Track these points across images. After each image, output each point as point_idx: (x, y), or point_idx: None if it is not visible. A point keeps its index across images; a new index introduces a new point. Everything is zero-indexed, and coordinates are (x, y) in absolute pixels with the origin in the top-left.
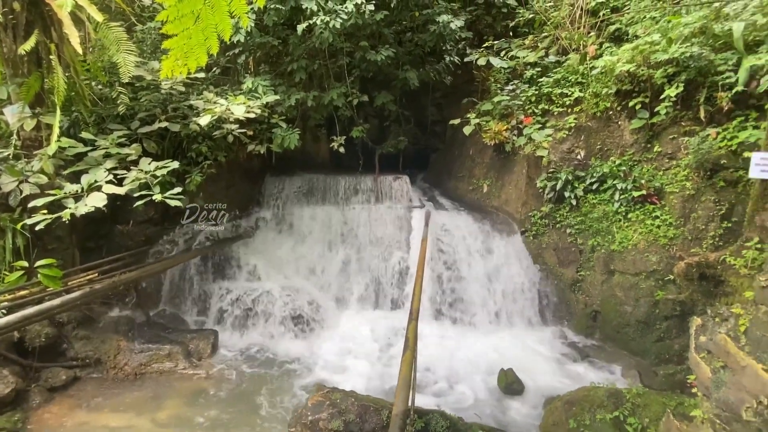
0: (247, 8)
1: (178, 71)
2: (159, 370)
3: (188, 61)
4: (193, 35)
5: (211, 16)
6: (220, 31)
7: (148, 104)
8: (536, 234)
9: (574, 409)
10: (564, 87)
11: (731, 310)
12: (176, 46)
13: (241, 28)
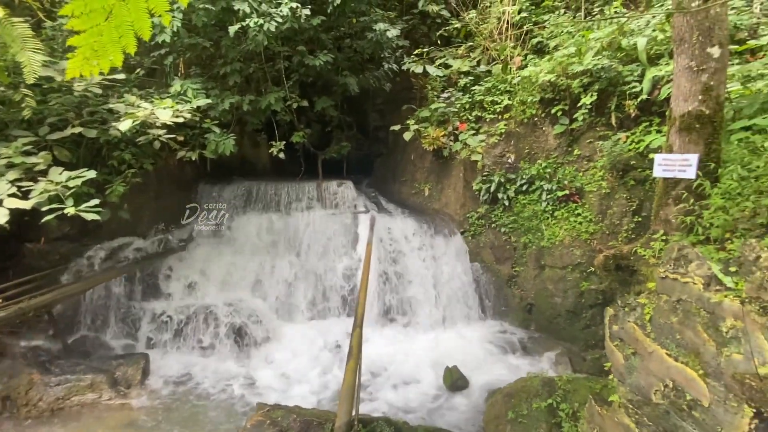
0: (168, 6)
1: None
2: (80, 403)
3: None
4: (104, 32)
5: (125, 13)
6: (138, 29)
7: (60, 108)
8: (474, 234)
9: (513, 400)
10: (494, 95)
11: (638, 300)
12: (85, 43)
13: (166, 27)
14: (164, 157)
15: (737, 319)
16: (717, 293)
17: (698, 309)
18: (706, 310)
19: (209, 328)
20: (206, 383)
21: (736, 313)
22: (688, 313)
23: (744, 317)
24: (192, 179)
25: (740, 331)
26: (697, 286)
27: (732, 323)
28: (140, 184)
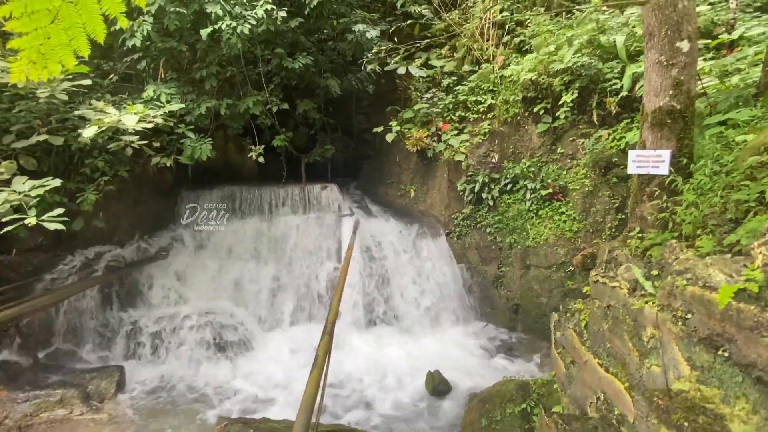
0: (123, 8)
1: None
2: (50, 419)
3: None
4: (52, 35)
5: (75, 15)
6: (91, 31)
7: (28, 115)
8: (460, 235)
9: (487, 406)
10: (478, 95)
11: (575, 306)
12: (29, 46)
13: (136, 31)
14: (142, 164)
15: (656, 327)
16: (640, 299)
17: (624, 316)
18: (631, 317)
19: (188, 338)
20: (183, 394)
21: (655, 321)
22: (617, 320)
23: (660, 326)
24: (172, 185)
25: (658, 341)
26: (623, 291)
27: (651, 332)
28: (117, 192)
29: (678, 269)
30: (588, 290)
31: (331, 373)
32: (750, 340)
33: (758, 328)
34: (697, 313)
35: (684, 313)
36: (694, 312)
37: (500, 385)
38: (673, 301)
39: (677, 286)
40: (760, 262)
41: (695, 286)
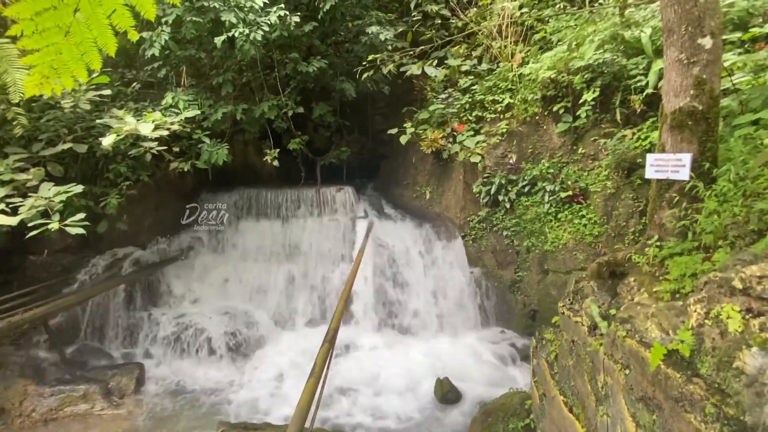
0: (132, 22)
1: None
2: (73, 413)
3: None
4: (64, 50)
5: (86, 30)
6: (102, 45)
7: (56, 124)
8: (475, 238)
9: (490, 419)
10: (495, 94)
11: (545, 335)
12: (41, 62)
13: (155, 41)
14: (163, 168)
15: (607, 374)
16: (597, 339)
17: (585, 355)
18: (590, 358)
19: (206, 337)
20: (199, 392)
21: (609, 369)
22: (579, 357)
23: (610, 374)
24: (193, 189)
25: (609, 389)
26: (584, 327)
27: (604, 378)
28: (140, 195)
29: (622, 317)
30: (557, 320)
31: (338, 374)
32: (674, 413)
33: (682, 400)
34: (633, 370)
35: (624, 367)
36: (631, 368)
37: (505, 397)
38: (615, 352)
39: (618, 337)
40: (694, 321)
41: (633, 340)
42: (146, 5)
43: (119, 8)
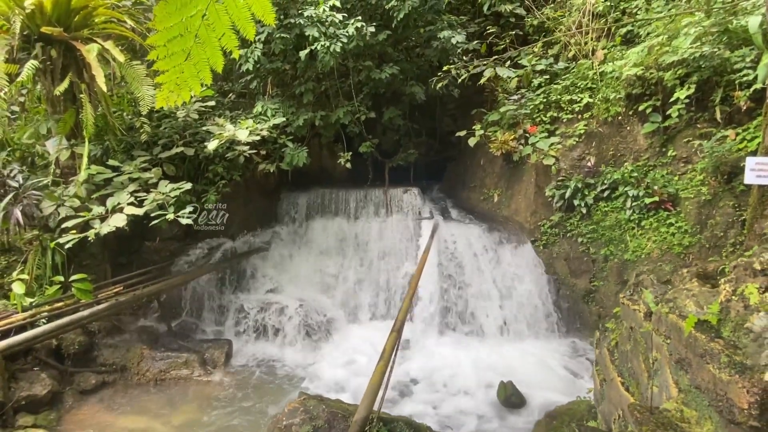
0: (237, 42)
1: (172, 102)
2: (176, 376)
3: (182, 93)
4: (185, 69)
5: (201, 52)
6: (213, 64)
7: (170, 131)
8: (546, 243)
9: (555, 423)
10: (573, 93)
11: (607, 325)
12: (169, 80)
13: (250, 57)
14: (251, 169)
15: (657, 350)
16: (651, 323)
17: (641, 338)
18: (645, 340)
19: (283, 321)
20: (278, 369)
21: (658, 346)
22: (636, 341)
23: (659, 349)
24: (275, 188)
25: (659, 364)
26: (641, 314)
27: (655, 355)
28: (232, 193)
29: (668, 298)
30: (618, 311)
31: (401, 371)
32: (699, 366)
33: (705, 355)
34: (673, 338)
35: (666, 338)
36: (672, 337)
37: (573, 404)
38: (660, 326)
39: (662, 313)
40: (723, 297)
41: (674, 314)
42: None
43: (227, 32)
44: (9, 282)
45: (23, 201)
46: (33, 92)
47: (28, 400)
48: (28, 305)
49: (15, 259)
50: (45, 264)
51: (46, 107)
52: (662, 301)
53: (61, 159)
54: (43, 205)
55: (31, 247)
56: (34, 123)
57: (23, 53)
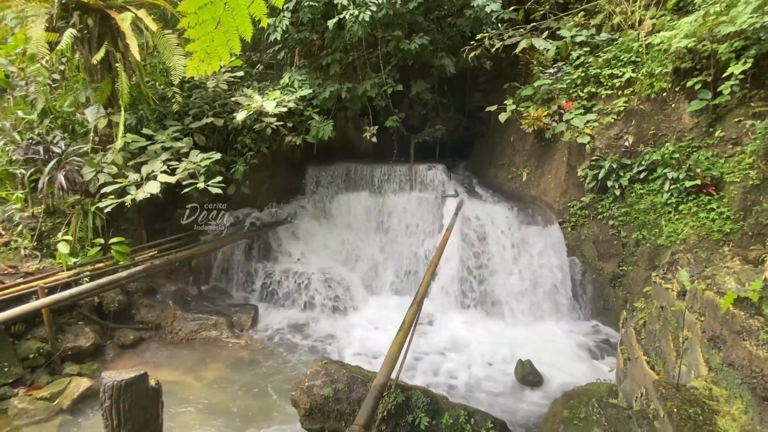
0: (265, 10)
1: (203, 71)
2: (206, 337)
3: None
4: (215, 38)
5: (231, 21)
6: (242, 32)
7: (200, 101)
8: (575, 225)
9: (572, 401)
10: (615, 67)
11: (635, 305)
12: (199, 48)
13: (278, 26)
14: (278, 142)
15: (689, 329)
16: (683, 302)
17: (671, 317)
18: (676, 319)
19: (306, 290)
20: (301, 335)
21: (690, 324)
22: (666, 321)
23: (691, 328)
24: (301, 161)
25: (689, 343)
26: (674, 293)
27: (686, 334)
28: (259, 165)
29: (705, 275)
30: (649, 290)
31: (419, 345)
32: (735, 343)
33: (742, 332)
34: (708, 316)
35: (700, 315)
36: (706, 315)
37: (592, 385)
38: (695, 303)
39: (698, 290)
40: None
41: (711, 291)
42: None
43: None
44: (55, 242)
45: (66, 167)
46: (72, 61)
47: (73, 351)
48: (72, 264)
49: (59, 221)
50: (87, 227)
51: (84, 76)
52: (699, 278)
53: (99, 127)
54: (84, 171)
55: (74, 210)
56: (73, 91)
57: (62, 22)
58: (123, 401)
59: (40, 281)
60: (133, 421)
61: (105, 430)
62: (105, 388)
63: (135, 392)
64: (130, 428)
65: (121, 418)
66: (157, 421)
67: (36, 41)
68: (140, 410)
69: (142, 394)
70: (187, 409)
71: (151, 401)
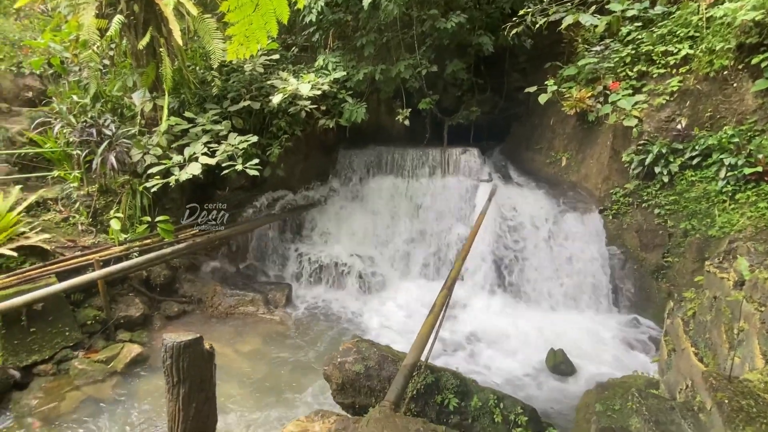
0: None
1: (241, 54)
2: (243, 312)
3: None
4: (253, 21)
5: (269, 3)
6: (279, 14)
7: (237, 85)
8: (617, 213)
9: (606, 393)
10: (670, 43)
11: (684, 295)
12: (238, 32)
13: (313, 8)
14: (311, 125)
15: (745, 320)
16: (740, 291)
17: (725, 308)
18: (730, 310)
19: (337, 271)
20: (332, 314)
21: (746, 314)
22: (719, 311)
23: (748, 319)
24: (333, 144)
25: (745, 335)
26: (730, 282)
27: (742, 325)
28: (293, 148)
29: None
30: (700, 280)
31: (449, 328)
32: None
33: None
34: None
35: (760, 305)
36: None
37: (628, 377)
38: (754, 293)
39: (758, 278)
40: None
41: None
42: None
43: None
44: (107, 219)
45: (116, 148)
46: (120, 47)
47: (125, 320)
48: (123, 240)
49: (111, 199)
50: (135, 205)
51: (131, 61)
52: (761, 267)
53: (145, 110)
54: (132, 153)
55: (124, 190)
56: (121, 76)
57: (110, 8)
58: (182, 360)
59: (95, 255)
60: (191, 379)
61: (166, 385)
62: (166, 348)
63: (192, 353)
64: (189, 385)
65: (181, 375)
66: (212, 381)
67: (87, 28)
68: (196, 369)
69: (198, 355)
70: (227, 379)
71: (206, 362)
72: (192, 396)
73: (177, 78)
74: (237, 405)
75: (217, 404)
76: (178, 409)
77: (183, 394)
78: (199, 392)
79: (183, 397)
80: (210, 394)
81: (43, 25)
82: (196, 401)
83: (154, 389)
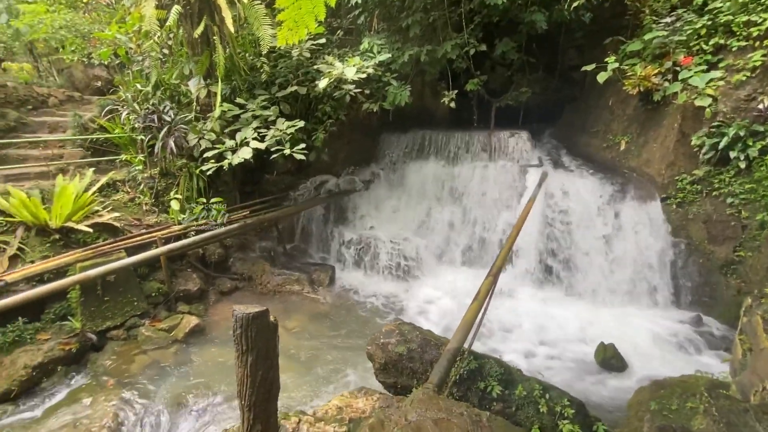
0: None
1: (291, 39)
2: (290, 290)
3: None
4: (302, 6)
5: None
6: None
7: (285, 70)
8: (682, 202)
9: (662, 391)
10: (754, 12)
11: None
12: (288, 17)
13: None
14: (355, 109)
15: None
16: None
17: None
18: None
19: (378, 255)
20: (374, 296)
21: None
22: None
23: None
24: (376, 128)
25: None
26: None
27: None
28: (336, 132)
29: None
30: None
31: (494, 316)
32: None
33: None
34: None
35: None
36: None
37: (688, 377)
38: None
39: None
40: None
41: None
42: None
43: None
44: (168, 200)
45: (175, 134)
46: (177, 36)
47: (184, 293)
48: (182, 220)
49: (171, 182)
50: (192, 187)
51: (187, 50)
52: None
53: (200, 97)
54: (189, 138)
55: (182, 173)
56: (178, 65)
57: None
58: (250, 330)
59: (158, 233)
60: (258, 348)
61: (236, 353)
62: (236, 318)
63: (259, 324)
64: (256, 353)
65: (249, 344)
66: (276, 351)
67: (149, 19)
68: (263, 340)
69: (264, 326)
70: None
71: (271, 333)
72: (259, 363)
73: (228, 65)
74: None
75: None
76: (246, 375)
77: (251, 361)
78: (265, 360)
79: (251, 365)
80: (274, 362)
81: (109, 17)
82: (262, 369)
83: (209, 358)
